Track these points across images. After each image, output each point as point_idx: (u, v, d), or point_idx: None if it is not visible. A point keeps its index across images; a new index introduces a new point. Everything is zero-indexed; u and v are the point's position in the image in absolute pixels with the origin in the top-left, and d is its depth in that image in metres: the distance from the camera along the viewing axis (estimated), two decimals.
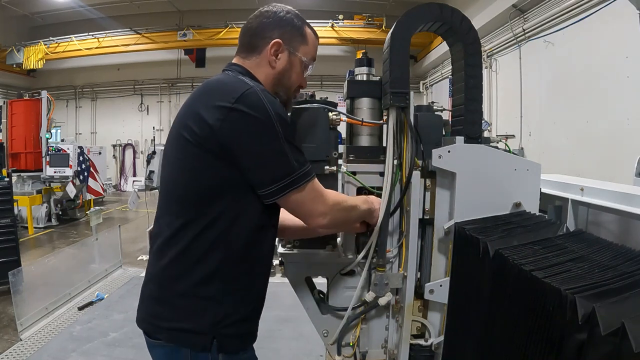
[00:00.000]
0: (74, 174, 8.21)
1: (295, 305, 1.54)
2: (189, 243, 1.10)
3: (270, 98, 1.10)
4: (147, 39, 12.25)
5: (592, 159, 5.41)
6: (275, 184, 1.08)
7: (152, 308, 1.17)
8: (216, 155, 1.07)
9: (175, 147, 1.15)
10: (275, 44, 1.22)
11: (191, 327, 1.11)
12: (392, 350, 1.51)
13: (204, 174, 1.10)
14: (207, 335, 1.11)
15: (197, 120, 1.08)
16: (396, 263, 1.46)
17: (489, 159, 1.36)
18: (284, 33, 1.24)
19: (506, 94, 7.95)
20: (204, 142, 1.07)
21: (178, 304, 1.12)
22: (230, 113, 1.05)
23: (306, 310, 1.51)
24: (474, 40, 1.39)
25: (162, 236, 1.15)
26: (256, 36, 1.24)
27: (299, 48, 1.27)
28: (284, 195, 1.10)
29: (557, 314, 0.77)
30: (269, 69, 1.24)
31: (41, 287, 3.96)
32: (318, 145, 1.38)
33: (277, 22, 1.24)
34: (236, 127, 1.05)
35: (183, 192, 1.13)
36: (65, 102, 14.52)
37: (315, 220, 1.17)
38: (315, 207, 1.15)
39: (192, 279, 1.11)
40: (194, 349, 1.11)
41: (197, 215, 1.10)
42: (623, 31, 4.80)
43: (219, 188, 1.10)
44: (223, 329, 1.12)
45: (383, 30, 10.75)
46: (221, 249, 1.11)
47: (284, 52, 1.24)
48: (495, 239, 1.11)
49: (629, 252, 0.91)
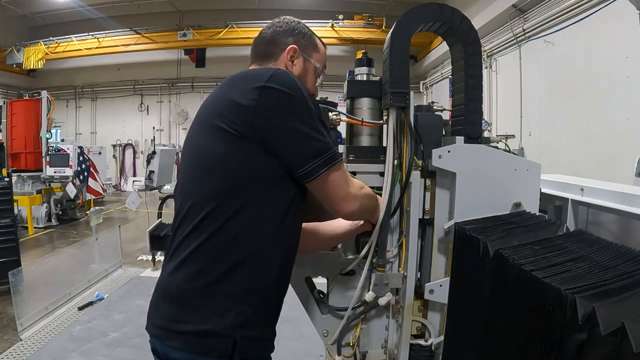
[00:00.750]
0: (74, 174, 8.21)
1: (295, 305, 1.53)
2: (210, 235, 1.03)
3: (299, 81, 1.09)
4: (147, 39, 12.26)
5: (592, 159, 5.41)
6: (313, 160, 1.04)
7: (167, 309, 1.06)
8: (248, 139, 1.03)
9: (206, 135, 1.09)
10: (291, 50, 1.27)
11: (210, 329, 1.00)
12: (392, 350, 1.51)
13: (233, 160, 1.04)
14: (228, 337, 1.00)
15: (230, 105, 1.05)
16: (396, 263, 1.46)
17: (489, 159, 1.36)
18: (299, 40, 1.29)
19: (506, 94, 7.95)
20: (237, 125, 1.03)
21: (196, 302, 1.02)
22: (264, 91, 1.03)
23: (306, 310, 1.51)
24: (474, 40, 1.39)
25: (181, 232, 1.08)
26: (271, 44, 1.28)
27: (312, 55, 1.32)
28: (321, 174, 1.05)
29: (557, 314, 0.77)
30: None
31: (41, 287, 3.96)
32: None
33: (291, 30, 1.29)
34: (271, 105, 1.03)
35: (208, 180, 1.06)
36: (65, 102, 14.52)
37: (348, 205, 1.13)
38: (348, 190, 1.12)
39: (213, 274, 1.02)
40: (212, 355, 1.00)
41: (224, 202, 1.03)
42: (623, 31, 4.80)
43: (246, 176, 1.04)
44: (246, 331, 1.02)
45: (383, 30, 10.75)
46: (244, 241, 1.03)
47: (299, 57, 1.29)
48: (495, 239, 1.11)
49: (629, 252, 0.91)
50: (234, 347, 1.00)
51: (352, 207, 1.15)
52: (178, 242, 1.08)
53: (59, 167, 8.07)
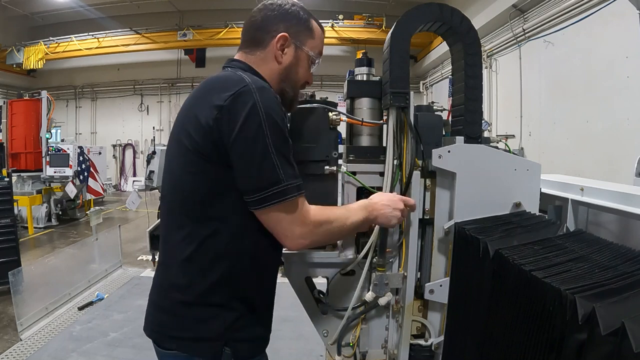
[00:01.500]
0: (74, 174, 8.21)
1: (295, 305, 1.53)
2: (193, 252, 1.06)
3: (267, 98, 1.02)
4: (147, 39, 12.25)
5: (592, 159, 5.41)
6: (257, 193, 1.01)
7: (160, 317, 1.13)
8: (213, 158, 1.02)
9: (177, 154, 1.11)
10: (281, 38, 1.17)
11: (202, 335, 1.07)
12: (392, 350, 1.51)
13: (204, 180, 1.05)
14: (219, 341, 1.07)
15: (194, 122, 1.04)
16: (396, 263, 1.46)
17: (489, 159, 1.36)
18: (290, 26, 1.18)
19: (506, 94, 7.95)
20: (200, 145, 1.02)
21: (186, 313, 1.08)
22: (222, 112, 1.00)
23: (306, 310, 1.51)
24: (473, 40, 1.39)
25: (167, 245, 1.13)
26: (261, 30, 1.18)
27: (306, 42, 1.22)
28: (264, 207, 1.02)
29: (557, 314, 0.77)
30: (275, 64, 1.19)
31: (41, 287, 3.96)
32: (318, 145, 1.38)
33: (282, 15, 1.18)
34: (227, 128, 0.99)
35: (184, 200, 1.08)
36: (65, 102, 14.52)
37: (292, 242, 1.07)
38: (293, 229, 1.05)
39: (200, 288, 1.06)
40: (205, 357, 1.07)
41: (200, 223, 1.06)
42: (623, 31, 4.79)
43: (220, 194, 1.05)
44: (235, 333, 1.08)
45: (383, 30, 10.75)
46: (227, 256, 1.07)
47: (291, 46, 1.19)
48: (495, 239, 1.11)
49: (629, 252, 0.91)
50: (223, 350, 1.06)
51: (299, 244, 1.08)
52: (165, 252, 1.14)
53: (59, 167, 8.07)
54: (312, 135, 1.39)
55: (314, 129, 1.39)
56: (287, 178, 1.01)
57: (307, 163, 1.39)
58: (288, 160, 1.04)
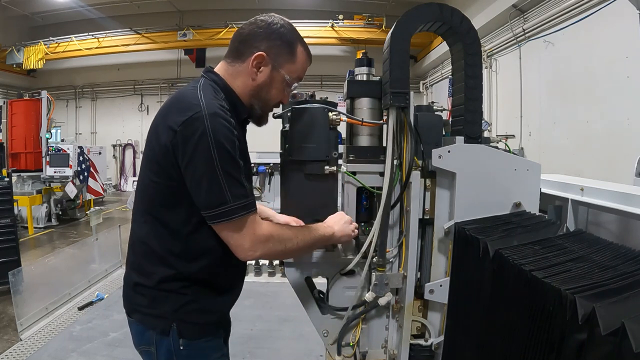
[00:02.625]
0: (74, 174, 8.21)
1: (295, 305, 1.53)
2: (154, 246, 1.21)
3: (217, 124, 1.09)
4: (147, 39, 12.25)
5: (592, 159, 5.40)
6: (207, 210, 1.11)
7: (128, 293, 1.29)
8: (172, 175, 1.14)
9: (146, 162, 1.23)
10: (258, 57, 1.21)
11: (155, 312, 1.23)
12: (392, 350, 1.51)
13: (166, 190, 1.17)
14: (168, 320, 1.21)
15: (157, 140, 1.15)
16: (396, 263, 1.46)
17: (489, 159, 1.36)
18: (272, 47, 1.21)
19: (506, 94, 7.95)
20: (162, 163, 1.14)
21: (146, 293, 1.23)
22: (176, 137, 1.10)
23: (306, 310, 1.51)
24: (473, 40, 1.39)
25: (135, 235, 1.28)
26: (244, 44, 1.23)
27: (284, 65, 1.24)
28: (214, 224, 1.13)
29: (557, 314, 0.77)
30: (249, 80, 1.24)
31: (41, 287, 3.95)
32: (318, 145, 1.38)
33: (267, 34, 1.21)
34: (181, 152, 1.10)
35: (150, 202, 1.22)
36: (65, 102, 14.51)
37: (242, 254, 1.17)
38: (242, 243, 1.14)
39: (157, 277, 1.21)
40: (156, 331, 1.23)
41: (161, 223, 1.20)
42: (623, 31, 4.79)
43: (179, 202, 1.16)
44: (183, 315, 1.21)
45: (383, 30, 10.75)
46: (182, 254, 1.20)
47: (267, 66, 1.22)
48: (495, 239, 1.11)
49: (629, 252, 0.91)
50: (171, 327, 1.21)
51: (248, 255, 1.17)
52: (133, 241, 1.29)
53: (59, 167, 8.07)
54: (312, 135, 1.39)
55: (314, 129, 1.39)
56: (234, 199, 1.11)
57: (307, 163, 1.39)
58: (237, 181, 1.12)
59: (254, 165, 6.01)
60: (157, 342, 1.23)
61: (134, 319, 1.28)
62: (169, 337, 1.22)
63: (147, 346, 1.26)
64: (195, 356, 1.26)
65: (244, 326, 3.48)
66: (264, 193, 5.96)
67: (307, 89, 1.42)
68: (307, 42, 1.29)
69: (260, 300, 4.00)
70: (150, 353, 1.25)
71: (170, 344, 1.22)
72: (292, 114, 1.40)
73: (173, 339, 1.22)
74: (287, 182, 1.46)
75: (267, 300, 4.06)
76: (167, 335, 1.22)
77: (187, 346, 1.23)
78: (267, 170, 6.04)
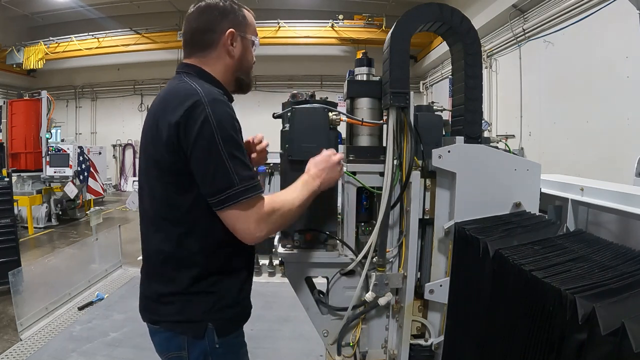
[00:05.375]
0: (74, 174, 8.20)
1: (295, 305, 1.54)
2: (171, 250, 1.20)
3: (219, 109, 1.11)
4: (147, 39, 12.24)
5: (592, 159, 5.40)
6: (214, 196, 1.11)
7: (150, 305, 1.28)
8: (179, 169, 1.13)
9: (147, 164, 1.23)
10: (230, 34, 1.25)
11: (188, 318, 1.21)
12: (392, 350, 1.51)
13: (173, 187, 1.16)
14: (201, 322, 1.20)
15: (158, 138, 1.14)
16: (396, 263, 1.46)
17: (489, 159, 1.36)
18: (231, 20, 1.27)
19: (506, 94, 7.95)
20: (167, 159, 1.14)
21: (175, 301, 1.21)
22: (179, 128, 1.10)
23: (306, 310, 1.51)
24: (473, 40, 1.39)
25: (149, 246, 1.26)
26: (209, 32, 1.25)
27: (247, 29, 1.31)
28: (222, 209, 1.12)
29: (557, 314, 0.77)
30: (228, 59, 1.28)
31: (41, 287, 3.95)
32: (318, 145, 1.38)
33: (223, 13, 1.26)
34: (185, 142, 1.10)
35: (158, 204, 1.21)
36: (65, 102, 14.51)
37: (250, 238, 1.16)
38: (248, 226, 1.14)
39: (183, 280, 1.20)
40: (188, 335, 1.21)
41: (174, 225, 1.19)
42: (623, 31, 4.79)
43: (188, 198, 1.16)
44: (215, 314, 1.21)
45: (383, 30, 10.74)
46: (202, 252, 1.19)
47: (237, 38, 1.28)
48: (495, 239, 1.11)
49: (629, 252, 0.91)
50: (205, 329, 1.20)
51: (257, 237, 1.16)
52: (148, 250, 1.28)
53: (59, 167, 8.07)
54: (312, 135, 1.39)
55: (314, 129, 1.39)
56: (241, 181, 1.11)
57: (307, 163, 1.39)
58: (242, 163, 1.13)
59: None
60: (189, 347, 1.22)
61: (160, 327, 1.26)
62: (204, 339, 1.21)
63: (176, 352, 1.23)
64: (228, 353, 1.27)
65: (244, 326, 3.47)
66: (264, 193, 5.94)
67: (307, 89, 1.42)
68: (307, 42, 1.33)
69: (260, 300, 3.99)
70: (181, 358, 1.23)
71: (206, 345, 1.21)
72: (292, 114, 1.40)
73: (208, 340, 1.21)
74: (287, 182, 1.46)
75: (267, 300, 4.06)
76: (200, 338, 1.21)
77: (222, 345, 1.23)
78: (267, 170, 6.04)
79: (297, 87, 2.38)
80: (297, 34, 11.39)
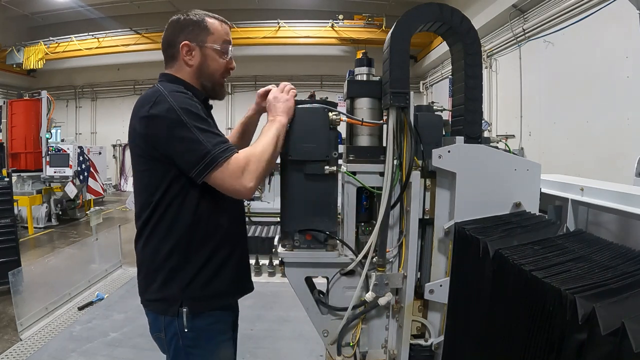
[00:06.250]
0: (74, 174, 8.21)
1: (295, 305, 1.54)
2: (152, 229, 1.35)
3: (178, 97, 1.27)
4: (147, 39, 12.23)
5: (592, 158, 5.40)
6: (195, 167, 1.23)
7: (140, 283, 1.43)
8: (154, 157, 1.29)
9: (132, 161, 1.40)
10: (184, 46, 1.38)
11: (163, 296, 1.34)
12: (392, 350, 1.51)
13: (152, 174, 1.32)
14: (177, 300, 1.33)
15: (135, 132, 1.31)
16: (396, 263, 1.46)
17: (489, 159, 1.36)
18: (188, 33, 1.38)
19: (506, 94, 7.95)
20: (144, 149, 1.30)
21: (155, 278, 1.36)
22: (149, 120, 1.26)
23: (306, 310, 1.51)
24: (473, 40, 1.39)
25: (137, 226, 1.41)
26: (169, 47, 1.41)
27: (207, 39, 1.39)
28: (206, 176, 1.23)
29: (557, 314, 0.77)
30: (188, 68, 1.40)
31: (41, 287, 3.95)
32: (318, 145, 1.38)
33: (179, 27, 1.39)
34: (156, 130, 1.25)
35: (142, 191, 1.37)
36: (65, 102, 14.51)
37: (242, 193, 1.27)
38: (235, 182, 1.24)
39: (160, 256, 1.34)
40: (166, 316, 1.34)
41: (154, 208, 1.33)
42: (623, 31, 4.79)
43: (164, 184, 1.30)
44: (190, 291, 1.33)
45: (383, 30, 10.74)
46: (176, 229, 1.32)
47: (195, 49, 1.39)
48: (495, 239, 1.11)
49: (629, 252, 0.91)
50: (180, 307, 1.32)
51: (245, 193, 1.27)
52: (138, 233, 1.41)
53: (59, 167, 8.07)
54: (312, 135, 1.39)
55: (314, 129, 1.39)
56: (214, 146, 1.23)
57: (307, 163, 1.39)
58: (211, 132, 1.26)
59: None
60: (166, 328, 1.34)
61: (149, 308, 1.40)
62: (176, 321, 1.32)
63: (158, 333, 1.37)
64: (199, 339, 1.34)
65: (244, 326, 3.45)
66: (264, 193, 5.96)
67: (307, 89, 1.43)
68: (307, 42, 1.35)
69: (260, 300, 3.99)
70: (161, 339, 1.37)
71: (176, 327, 1.32)
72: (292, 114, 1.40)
73: (178, 321, 1.32)
74: (287, 182, 1.46)
75: (267, 300, 4.06)
76: (175, 316, 1.32)
77: (192, 329, 1.33)
78: None
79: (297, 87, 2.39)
80: (297, 34, 11.40)
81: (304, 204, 1.43)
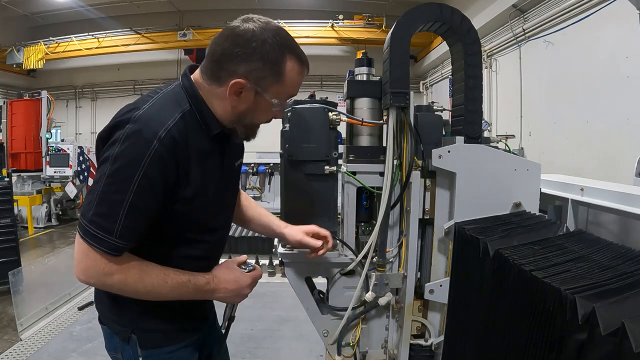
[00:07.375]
0: (74, 174, 8.20)
1: (295, 305, 1.54)
2: None
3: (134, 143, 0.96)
4: (147, 39, 12.24)
5: (592, 159, 5.40)
6: (83, 218, 1.00)
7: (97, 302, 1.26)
8: None
9: None
10: (235, 85, 1.02)
11: (117, 319, 1.19)
12: (392, 350, 1.51)
13: None
14: (127, 328, 1.17)
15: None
16: (396, 263, 1.46)
17: (489, 159, 1.36)
18: (252, 70, 1.01)
19: (506, 94, 7.94)
20: None
21: (109, 302, 1.19)
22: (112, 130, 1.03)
23: (306, 310, 1.51)
24: (473, 41, 1.39)
25: None
26: (218, 65, 1.03)
27: (270, 88, 1.04)
28: (78, 233, 1.01)
29: (557, 314, 0.77)
30: (228, 106, 1.06)
31: (41, 287, 3.95)
32: (318, 145, 1.38)
33: (246, 55, 1.00)
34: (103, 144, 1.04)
35: None
36: (65, 102, 14.50)
37: (76, 275, 1.03)
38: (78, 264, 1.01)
39: None
40: (119, 337, 1.19)
41: None
42: (623, 31, 4.79)
43: None
44: (141, 323, 1.16)
45: (383, 30, 10.73)
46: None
47: (249, 92, 1.03)
48: (495, 239, 1.11)
49: (629, 252, 0.91)
50: (130, 336, 1.16)
51: (78, 276, 1.03)
52: None
53: (59, 167, 8.06)
54: (312, 135, 1.39)
55: (314, 129, 1.39)
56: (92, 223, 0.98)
57: (307, 163, 1.39)
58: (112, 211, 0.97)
59: (254, 165, 6.01)
60: (122, 349, 1.19)
61: (102, 324, 1.25)
62: (129, 346, 1.16)
63: (114, 352, 1.22)
64: None
65: (244, 326, 3.47)
66: (264, 193, 5.96)
67: (307, 89, 1.43)
68: (307, 42, 1.28)
69: (260, 300, 4.00)
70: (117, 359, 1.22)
71: (131, 354, 1.17)
72: (292, 113, 1.41)
73: (132, 348, 1.16)
74: (287, 182, 1.46)
75: (267, 300, 4.06)
76: (127, 343, 1.16)
77: (148, 357, 1.16)
78: (267, 170, 6.04)
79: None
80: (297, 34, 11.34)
81: (304, 204, 1.43)
